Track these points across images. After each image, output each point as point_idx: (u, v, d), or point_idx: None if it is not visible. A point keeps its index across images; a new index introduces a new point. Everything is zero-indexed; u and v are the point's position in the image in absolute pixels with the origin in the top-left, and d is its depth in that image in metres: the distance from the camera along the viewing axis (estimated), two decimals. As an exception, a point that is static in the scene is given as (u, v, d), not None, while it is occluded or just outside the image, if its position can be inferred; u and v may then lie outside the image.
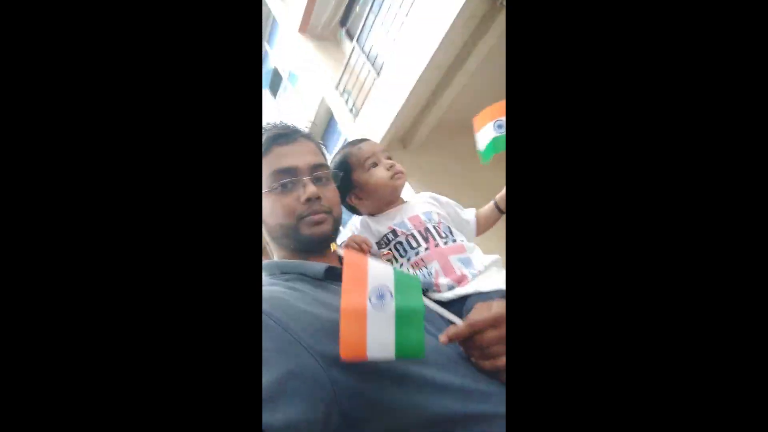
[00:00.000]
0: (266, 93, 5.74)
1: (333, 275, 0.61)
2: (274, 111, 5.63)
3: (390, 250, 0.81)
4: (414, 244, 0.79)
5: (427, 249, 0.77)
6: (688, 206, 0.31)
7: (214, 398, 0.32)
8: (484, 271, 0.74)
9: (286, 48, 5.18)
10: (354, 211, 0.88)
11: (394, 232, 0.81)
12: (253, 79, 0.38)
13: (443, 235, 0.79)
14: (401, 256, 0.79)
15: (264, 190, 0.64)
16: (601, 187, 0.33)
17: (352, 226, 0.88)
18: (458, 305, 0.69)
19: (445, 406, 0.47)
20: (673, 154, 0.32)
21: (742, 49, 0.31)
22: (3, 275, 0.30)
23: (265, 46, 5.61)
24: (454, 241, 0.79)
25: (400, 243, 0.80)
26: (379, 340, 0.43)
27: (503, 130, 0.90)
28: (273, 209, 0.63)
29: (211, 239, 0.35)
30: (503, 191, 0.90)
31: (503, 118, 0.90)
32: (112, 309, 0.32)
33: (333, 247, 0.73)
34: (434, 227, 0.80)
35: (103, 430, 0.30)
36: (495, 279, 0.73)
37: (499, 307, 0.54)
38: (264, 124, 0.69)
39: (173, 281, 0.34)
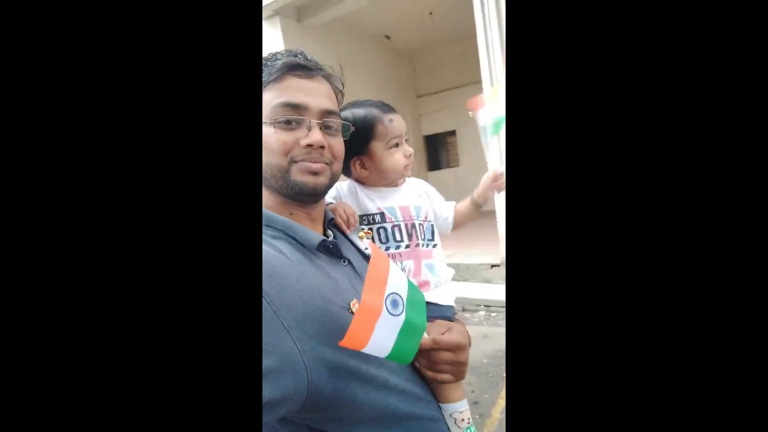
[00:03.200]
0: None
1: (325, 248, 0.61)
2: None
3: (371, 230, 0.78)
4: (398, 237, 0.78)
5: (407, 246, 0.78)
6: (684, 209, 0.31)
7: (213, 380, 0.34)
8: (443, 283, 0.82)
9: None
10: (346, 173, 0.78)
11: (382, 215, 0.77)
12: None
13: (424, 237, 0.81)
14: (381, 242, 0.77)
15: (264, 120, 0.56)
16: (602, 190, 0.34)
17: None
18: None
19: (390, 404, 0.56)
20: (672, 154, 0.32)
21: (740, 48, 0.30)
22: (2, 275, 0.31)
23: None
24: (434, 245, 0.82)
25: (384, 229, 0.77)
26: (380, 342, 0.46)
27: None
28: (267, 144, 0.56)
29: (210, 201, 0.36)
30: (480, 187, 0.92)
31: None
32: (109, 270, 0.33)
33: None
34: (420, 225, 0.81)
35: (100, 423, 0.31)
36: (449, 294, 0.82)
37: (459, 334, 0.64)
38: (281, 50, 0.61)
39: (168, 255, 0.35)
